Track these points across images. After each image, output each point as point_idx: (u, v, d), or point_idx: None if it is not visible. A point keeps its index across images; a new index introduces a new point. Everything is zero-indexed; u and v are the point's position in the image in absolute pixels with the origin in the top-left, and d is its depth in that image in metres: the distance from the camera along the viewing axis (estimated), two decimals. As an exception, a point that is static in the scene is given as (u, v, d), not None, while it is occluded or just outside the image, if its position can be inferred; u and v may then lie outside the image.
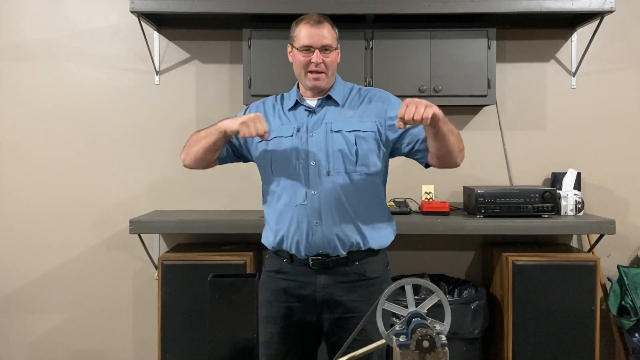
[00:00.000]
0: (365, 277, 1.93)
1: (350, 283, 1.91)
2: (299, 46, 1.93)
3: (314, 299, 1.92)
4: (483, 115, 3.34)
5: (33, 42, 3.31)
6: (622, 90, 3.32)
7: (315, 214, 1.87)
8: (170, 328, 2.85)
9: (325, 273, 1.91)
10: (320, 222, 1.87)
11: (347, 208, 1.89)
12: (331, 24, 1.96)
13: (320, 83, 1.94)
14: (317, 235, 1.87)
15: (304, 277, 1.92)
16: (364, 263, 1.93)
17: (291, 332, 1.94)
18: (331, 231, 1.87)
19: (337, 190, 1.88)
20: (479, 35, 3.01)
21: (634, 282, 3.08)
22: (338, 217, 1.88)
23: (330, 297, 1.91)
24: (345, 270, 1.91)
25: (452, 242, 3.36)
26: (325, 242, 1.88)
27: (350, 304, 1.90)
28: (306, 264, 1.91)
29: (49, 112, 3.32)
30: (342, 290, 1.91)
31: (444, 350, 1.13)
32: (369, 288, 1.92)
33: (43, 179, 3.33)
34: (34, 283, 3.35)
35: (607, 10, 2.90)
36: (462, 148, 1.89)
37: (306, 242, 1.88)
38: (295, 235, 1.90)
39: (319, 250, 1.89)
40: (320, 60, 1.91)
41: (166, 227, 3.01)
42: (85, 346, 3.35)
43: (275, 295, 1.94)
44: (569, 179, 3.14)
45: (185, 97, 3.33)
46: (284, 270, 1.95)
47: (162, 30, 3.30)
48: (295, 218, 1.89)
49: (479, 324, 2.89)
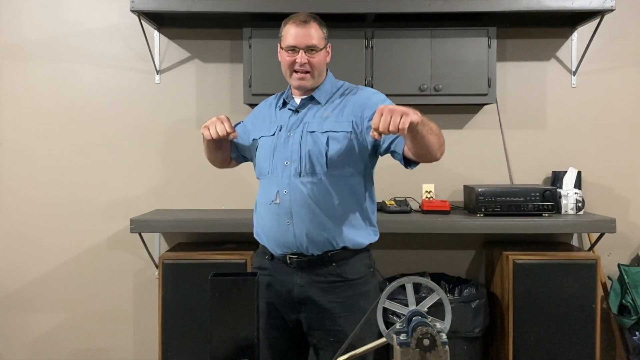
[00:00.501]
0: (343, 278, 1.91)
1: (327, 284, 1.91)
2: (284, 46, 1.94)
3: (291, 296, 1.93)
4: (483, 114, 3.34)
5: (33, 41, 3.31)
6: (623, 89, 3.32)
7: (287, 214, 1.89)
8: (171, 327, 2.85)
9: (302, 272, 1.92)
10: (291, 222, 1.89)
11: (318, 209, 1.87)
12: (319, 24, 1.95)
13: (305, 83, 1.95)
14: (289, 234, 1.89)
15: (282, 274, 1.95)
16: (342, 264, 1.91)
17: (273, 327, 1.95)
18: (301, 231, 1.88)
19: (307, 191, 1.87)
20: (480, 34, 3.01)
21: (634, 281, 3.08)
22: (308, 218, 1.87)
23: (307, 296, 1.91)
24: (322, 271, 1.91)
25: (452, 241, 3.36)
26: (296, 241, 1.89)
27: (326, 304, 1.90)
28: (284, 262, 1.93)
29: (50, 112, 3.32)
30: (318, 290, 1.91)
31: (445, 349, 1.13)
32: (348, 290, 1.91)
33: (43, 178, 3.33)
34: (34, 282, 3.35)
35: (608, 9, 2.90)
36: (442, 143, 1.81)
37: (279, 241, 1.91)
38: (270, 233, 1.94)
39: (292, 249, 1.90)
40: (305, 61, 1.91)
41: (167, 226, 3.01)
42: (86, 345, 3.36)
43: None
44: (569, 177, 3.14)
45: (185, 97, 3.33)
46: (264, 266, 1.99)
47: (162, 30, 3.30)
48: (269, 216, 1.93)
49: (479, 323, 2.89)
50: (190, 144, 3.32)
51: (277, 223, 1.90)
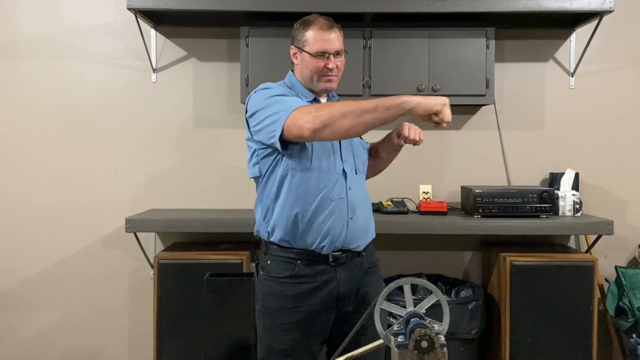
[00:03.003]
0: (373, 264, 2.05)
1: (363, 272, 1.99)
2: (313, 52, 1.93)
3: (336, 295, 1.92)
4: (481, 114, 3.33)
5: (29, 39, 3.29)
6: (621, 91, 3.32)
7: (351, 209, 1.94)
8: (165, 327, 2.83)
9: (343, 267, 1.94)
10: (354, 217, 1.94)
11: (367, 204, 2.04)
12: (339, 27, 2.00)
13: (333, 85, 2.00)
14: (350, 229, 1.93)
15: (323, 275, 1.91)
16: (369, 252, 2.04)
17: (311, 335, 1.92)
18: (360, 225, 1.97)
19: (362, 188, 2.02)
20: (478, 35, 3.01)
21: (631, 283, 3.08)
22: (364, 213, 1.99)
23: (350, 288, 1.94)
24: (358, 261, 1.98)
25: (449, 242, 3.35)
26: (354, 235, 1.94)
27: (366, 289, 1.98)
28: (324, 261, 1.91)
29: (45, 110, 3.30)
30: (359, 280, 1.97)
31: (443, 351, 1.12)
32: (376, 273, 2.06)
33: (38, 177, 3.31)
34: (29, 281, 3.33)
35: (607, 10, 2.90)
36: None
37: (338, 237, 1.90)
38: (328, 231, 1.88)
39: (345, 245, 1.93)
40: (335, 66, 1.95)
41: (162, 226, 2.99)
42: (81, 345, 3.34)
43: (292, 301, 1.90)
44: (567, 179, 3.14)
45: (182, 95, 3.32)
46: (300, 274, 1.90)
47: (159, 28, 3.28)
48: (329, 213, 1.89)
49: (476, 325, 2.88)
50: (186, 143, 3.31)
51: (339, 219, 1.90)
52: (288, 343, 1.89)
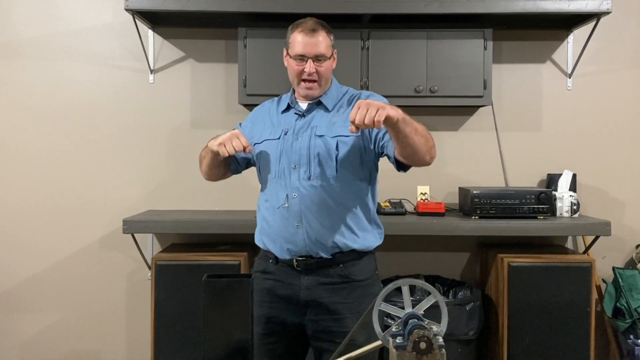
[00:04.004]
0: (350, 279, 1.91)
1: (333, 285, 1.90)
2: (292, 54, 1.93)
3: (297, 299, 1.91)
4: (479, 116, 3.33)
5: (26, 39, 3.28)
6: (618, 92, 3.32)
7: (296, 217, 1.88)
8: (163, 328, 2.82)
9: (309, 274, 1.91)
10: (300, 225, 1.88)
11: (327, 212, 1.88)
12: (327, 31, 1.94)
13: (313, 92, 1.95)
14: (298, 237, 1.88)
15: (287, 277, 1.92)
16: (348, 265, 1.92)
17: (273, 333, 1.94)
18: (311, 234, 1.88)
19: (317, 195, 1.88)
20: (476, 36, 3.01)
21: (628, 284, 3.08)
22: (318, 221, 1.88)
23: (313, 298, 1.90)
24: (329, 272, 1.91)
25: (447, 243, 3.35)
26: (305, 245, 1.88)
27: (332, 306, 1.90)
28: (290, 265, 1.92)
29: (42, 111, 3.29)
30: (325, 291, 1.90)
31: (441, 352, 1.11)
32: (353, 291, 1.91)
33: (35, 178, 3.30)
34: (26, 283, 3.32)
35: (604, 12, 2.90)
36: (431, 146, 1.81)
37: (287, 244, 1.90)
38: (277, 237, 1.92)
39: (301, 253, 1.89)
40: (313, 70, 1.91)
41: (160, 227, 2.99)
42: (78, 346, 3.33)
43: (260, 295, 1.93)
44: (564, 180, 3.14)
45: (179, 96, 3.31)
46: (268, 270, 1.96)
47: (156, 29, 3.28)
48: (276, 220, 1.92)
49: (474, 326, 2.88)
50: (183, 144, 3.30)
51: (285, 227, 1.89)
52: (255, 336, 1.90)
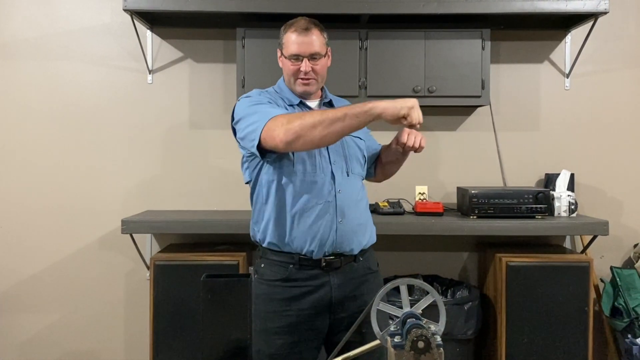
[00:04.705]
0: (370, 270, 2.00)
1: (359, 278, 1.96)
2: (287, 55, 1.93)
3: (329, 300, 1.90)
4: (477, 116, 3.34)
5: (24, 40, 3.28)
6: (616, 92, 3.33)
7: (340, 213, 1.90)
8: (161, 328, 2.83)
9: (337, 272, 1.91)
10: (343, 220, 1.90)
11: (360, 207, 1.98)
12: (320, 29, 1.94)
13: (310, 88, 1.96)
14: (339, 233, 1.89)
15: (315, 280, 1.90)
16: (366, 258, 2.00)
17: (301, 341, 1.91)
18: (350, 229, 1.92)
19: (354, 190, 1.96)
20: (473, 36, 3.01)
21: (626, 283, 3.09)
22: (355, 216, 1.94)
23: (345, 294, 1.92)
24: (354, 267, 1.95)
25: (445, 243, 3.36)
26: (344, 240, 1.90)
27: (362, 298, 1.93)
28: (316, 266, 1.89)
29: (40, 111, 3.29)
30: (354, 286, 1.94)
31: (439, 351, 1.12)
32: (374, 280, 2.00)
33: (34, 178, 3.30)
34: (24, 283, 3.31)
35: (601, 12, 2.90)
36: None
37: (326, 241, 1.87)
38: (315, 234, 1.87)
39: (335, 249, 1.89)
40: (309, 69, 1.91)
41: (158, 227, 2.99)
42: (77, 346, 3.33)
43: (283, 304, 1.89)
44: (562, 180, 3.15)
45: (178, 97, 3.31)
46: (292, 277, 1.90)
47: (155, 29, 3.28)
48: (316, 216, 1.87)
49: (472, 325, 2.89)
50: (182, 144, 3.30)
51: (327, 222, 1.88)
52: (278, 347, 1.88)
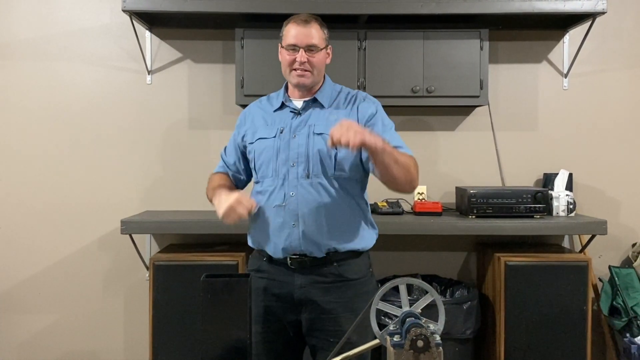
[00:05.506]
0: (344, 278, 1.92)
1: (327, 284, 1.91)
2: (285, 44, 1.95)
3: (292, 298, 1.92)
4: (475, 116, 3.34)
5: (23, 40, 3.28)
6: (614, 91, 3.34)
7: (293, 216, 1.88)
8: (161, 329, 2.83)
9: (302, 273, 1.91)
10: (297, 224, 1.88)
11: (324, 211, 1.88)
12: (320, 24, 1.96)
13: (305, 80, 1.94)
14: (294, 236, 1.88)
15: (281, 276, 1.93)
16: (342, 264, 1.92)
17: (270, 331, 1.95)
18: (307, 234, 1.88)
19: (315, 193, 1.88)
20: (472, 36, 3.02)
21: (625, 283, 3.10)
22: (314, 220, 1.88)
23: (307, 296, 1.91)
24: (322, 271, 1.91)
25: (444, 243, 3.36)
26: (302, 244, 1.88)
27: (326, 305, 1.90)
28: (284, 263, 1.92)
29: (39, 112, 3.29)
30: (318, 290, 1.91)
31: (438, 350, 1.12)
32: (347, 290, 1.92)
33: (33, 179, 3.30)
34: (24, 283, 3.32)
35: (599, 12, 2.91)
36: (412, 179, 1.85)
37: (282, 243, 1.90)
38: (272, 236, 1.92)
39: (295, 251, 1.90)
40: (304, 59, 1.91)
41: (158, 228, 3.00)
42: (76, 347, 3.33)
43: (255, 293, 1.92)
44: (560, 179, 3.15)
45: (177, 97, 3.32)
46: (262, 269, 1.97)
47: (154, 30, 3.28)
48: (272, 219, 1.91)
49: (471, 325, 2.89)
50: (181, 144, 3.31)
51: (282, 226, 1.89)
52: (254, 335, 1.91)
